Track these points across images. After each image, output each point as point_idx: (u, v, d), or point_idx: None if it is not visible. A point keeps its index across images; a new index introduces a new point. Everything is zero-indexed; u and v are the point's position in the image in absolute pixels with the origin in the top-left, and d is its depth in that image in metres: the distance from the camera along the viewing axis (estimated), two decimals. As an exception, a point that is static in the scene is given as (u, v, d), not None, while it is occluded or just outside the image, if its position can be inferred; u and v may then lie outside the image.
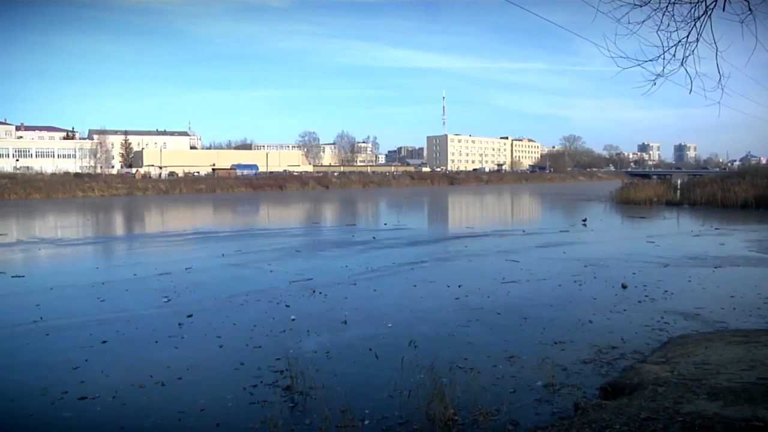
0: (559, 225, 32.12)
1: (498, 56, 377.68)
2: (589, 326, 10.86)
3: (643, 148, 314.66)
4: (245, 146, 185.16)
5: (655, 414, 5.83)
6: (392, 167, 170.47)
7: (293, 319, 11.60)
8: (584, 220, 33.72)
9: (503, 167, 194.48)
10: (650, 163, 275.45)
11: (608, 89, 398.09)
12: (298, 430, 6.47)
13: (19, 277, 17.48)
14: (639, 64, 7.41)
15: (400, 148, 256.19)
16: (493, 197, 74.50)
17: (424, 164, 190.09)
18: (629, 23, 6.95)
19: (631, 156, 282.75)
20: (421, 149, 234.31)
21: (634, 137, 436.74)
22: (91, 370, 8.91)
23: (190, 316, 12.07)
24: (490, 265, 18.29)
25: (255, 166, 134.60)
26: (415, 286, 15.03)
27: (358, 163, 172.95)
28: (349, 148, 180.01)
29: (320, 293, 14.20)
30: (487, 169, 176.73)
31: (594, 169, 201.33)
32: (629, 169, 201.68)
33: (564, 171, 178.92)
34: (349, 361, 9.10)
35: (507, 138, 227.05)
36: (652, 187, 56.08)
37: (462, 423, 6.66)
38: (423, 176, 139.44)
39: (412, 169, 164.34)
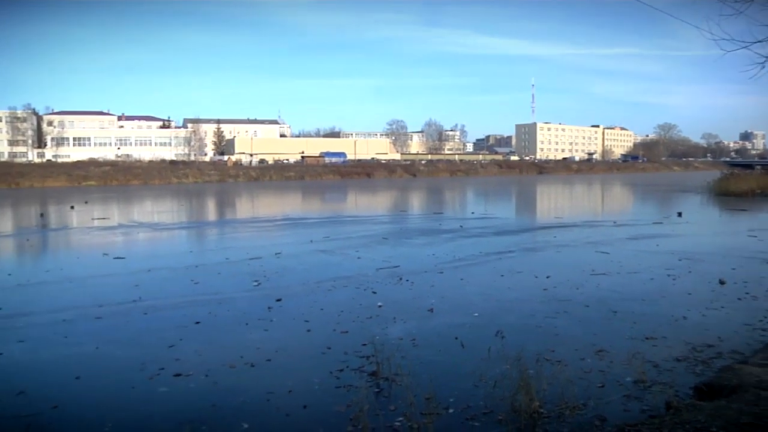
0: (652, 216, 31.02)
1: (590, 42, 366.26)
2: (683, 322, 10.45)
3: (746, 136, 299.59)
4: (334, 134, 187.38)
5: (759, 420, 5.55)
6: (480, 155, 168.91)
7: (380, 306, 11.72)
8: (679, 212, 32.45)
9: (594, 156, 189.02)
10: (753, 152, 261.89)
11: (708, 74, 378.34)
12: (383, 416, 6.54)
13: (120, 258, 18.39)
14: (746, 47, 7.00)
15: (488, 136, 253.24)
16: (583, 187, 72.71)
17: (512, 153, 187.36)
18: (736, 1, 6.56)
19: (731, 145, 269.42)
20: (510, 137, 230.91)
21: (736, 125, 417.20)
22: (186, 348, 9.30)
23: (279, 300, 12.38)
24: (580, 257, 17.91)
25: (343, 154, 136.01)
26: (502, 275, 14.89)
27: (446, 152, 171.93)
28: (436, 136, 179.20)
29: (407, 281, 14.28)
30: (576, 158, 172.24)
31: (690, 159, 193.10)
32: (729, 159, 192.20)
33: (658, 160, 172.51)
34: (435, 349, 9.12)
35: (598, 126, 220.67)
36: (755, 178, 52.98)
37: (547, 416, 6.57)
38: (511, 165, 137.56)
39: (500, 157, 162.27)
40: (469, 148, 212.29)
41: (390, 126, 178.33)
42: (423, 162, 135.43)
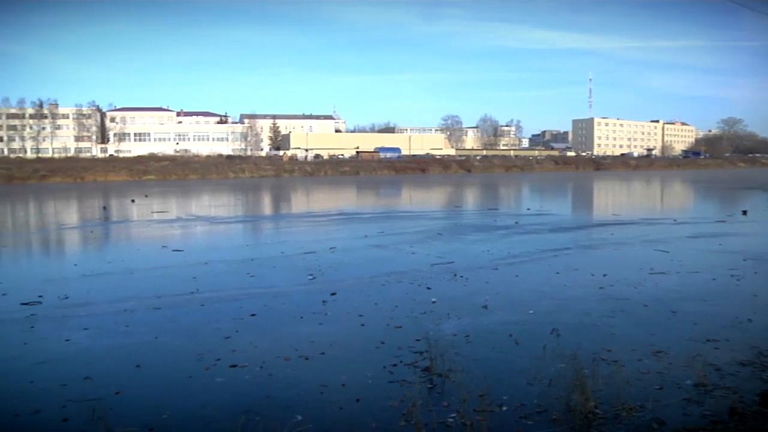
0: (715, 215, 30.12)
1: (650, 35, 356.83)
2: (748, 325, 10.08)
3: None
4: (388, 129, 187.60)
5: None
6: (535, 151, 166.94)
7: (434, 302, 11.70)
8: (744, 210, 31.40)
9: (653, 152, 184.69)
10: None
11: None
12: (435, 412, 6.53)
13: (178, 251, 18.81)
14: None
15: (544, 131, 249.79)
16: (642, 184, 71.05)
17: (568, 148, 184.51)
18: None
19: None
20: (566, 133, 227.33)
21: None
22: (241, 340, 9.45)
23: (333, 294, 12.48)
24: (638, 255, 17.51)
25: (398, 150, 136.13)
26: (557, 273, 14.69)
27: (501, 147, 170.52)
28: (491, 131, 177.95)
29: (461, 277, 14.22)
30: (635, 154, 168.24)
31: (757, 155, 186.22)
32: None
33: (721, 156, 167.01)
34: (489, 346, 9.06)
35: (658, 121, 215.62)
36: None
37: (603, 416, 6.46)
38: (567, 161, 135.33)
39: (556, 153, 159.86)
40: (525, 143, 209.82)
41: (445, 121, 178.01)
42: (478, 158, 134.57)
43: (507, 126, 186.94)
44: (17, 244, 23.35)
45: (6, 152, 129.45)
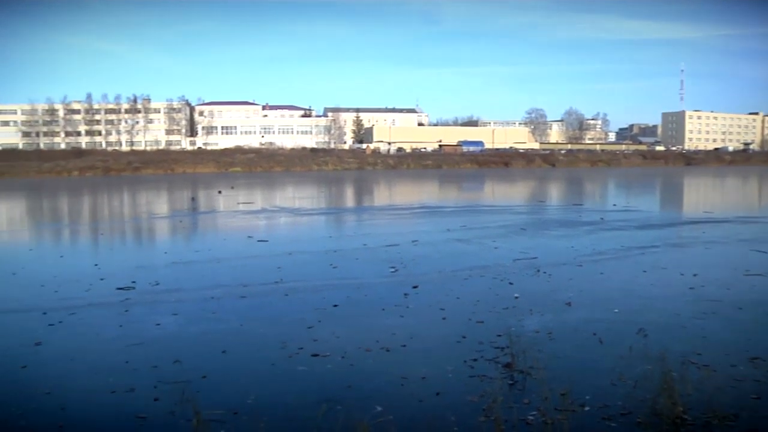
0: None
1: (748, 21, 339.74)
2: None
3: None
4: (471, 123, 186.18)
5: None
6: (623, 145, 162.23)
7: (516, 297, 11.55)
8: None
9: (751, 147, 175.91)
10: None
11: None
12: (516, 408, 6.45)
13: (263, 241, 19.27)
14: None
15: (632, 125, 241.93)
16: (737, 180, 67.91)
17: (657, 143, 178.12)
18: None
19: None
20: (655, 127, 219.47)
21: None
22: (323, 330, 9.59)
23: (415, 287, 12.49)
24: (731, 255, 16.77)
25: (480, 143, 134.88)
26: (645, 271, 14.23)
27: (586, 141, 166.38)
28: (577, 125, 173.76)
29: (544, 273, 13.98)
30: (730, 149, 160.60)
31: None
32: None
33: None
34: (572, 343, 8.87)
35: (757, 114, 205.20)
36: None
37: (692, 423, 6.19)
38: (656, 155, 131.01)
39: (644, 147, 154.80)
40: (611, 137, 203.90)
41: (529, 114, 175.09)
42: (562, 152, 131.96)
43: (593, 119, 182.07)
44: (113, 232, 24.46)
45: (104, 145, 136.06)
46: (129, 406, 6.85)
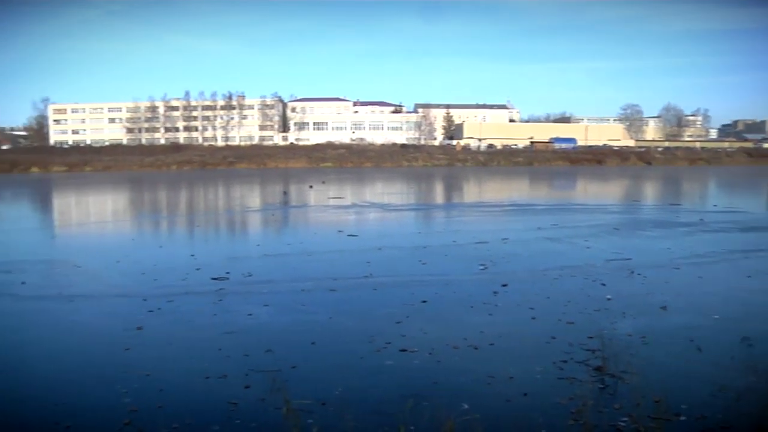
0: None
1: None
2: None
3: None
4: (564, 119, 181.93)
5: None
6: (725, 143, 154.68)
7: (609, 299, 11.23)
8: None
9: None
10: None
11: None
12: (606, 413, 6.27)
13: (353, 236, 19.46)
14: None
15: (736, 121, 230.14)
16: None
17: (765, 139, 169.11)
18: None
19: None
20: (763, 122, 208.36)
21: None
22: (411, 326, 9.62)
23: (504, 285, 12.34)
24: None
25: (573, 140, 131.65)
26: (749, 276, 13.52)
27: (685, 138, 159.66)
28: (675, 121, 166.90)
29: (638, 274, 13.52)
30: None
31: None
32: None
33: None
34: (667, 349, 8.53)
35: None
36: None
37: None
38: (763, 153, 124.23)
39: (750, 145, 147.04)
40: (713, 134, 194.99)
41: (624, 111, 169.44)
42: (659, 149, 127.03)
43: (692, 116, 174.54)
44: (208, 224, 25.31)
45: (200, 140, 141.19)
46: (221, 392, 7.10)
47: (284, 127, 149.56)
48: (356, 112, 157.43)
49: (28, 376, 7.93)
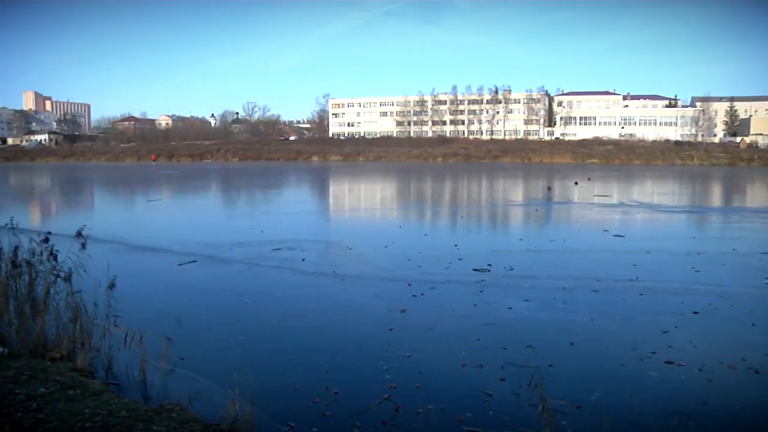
0: None
1: None
2: None
3: None
4: None
5: None
6: None
7: None
8: None
9: None
10: None
11: None
12: None
13: (619, 236, 18.64)
14: None
15: None
16: None
17: None
18: None
19: None
20: None
21: None
22: (680, 337, 8.94)
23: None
24: None
25: None
26: None
27: None
28: None
29: None
30: None
31: None
32: None
33: None
34: None
35: None
36: None
37: None
38: None
39: None
40: None
41: None
42: None
43: None
44: (471, 216, 25.84)
45: (466, 134, 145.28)
46: (477, 381, 7.27)
47: (550, 122, 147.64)
48: (626, 106, 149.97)
49: (304, 342, 8.82)
